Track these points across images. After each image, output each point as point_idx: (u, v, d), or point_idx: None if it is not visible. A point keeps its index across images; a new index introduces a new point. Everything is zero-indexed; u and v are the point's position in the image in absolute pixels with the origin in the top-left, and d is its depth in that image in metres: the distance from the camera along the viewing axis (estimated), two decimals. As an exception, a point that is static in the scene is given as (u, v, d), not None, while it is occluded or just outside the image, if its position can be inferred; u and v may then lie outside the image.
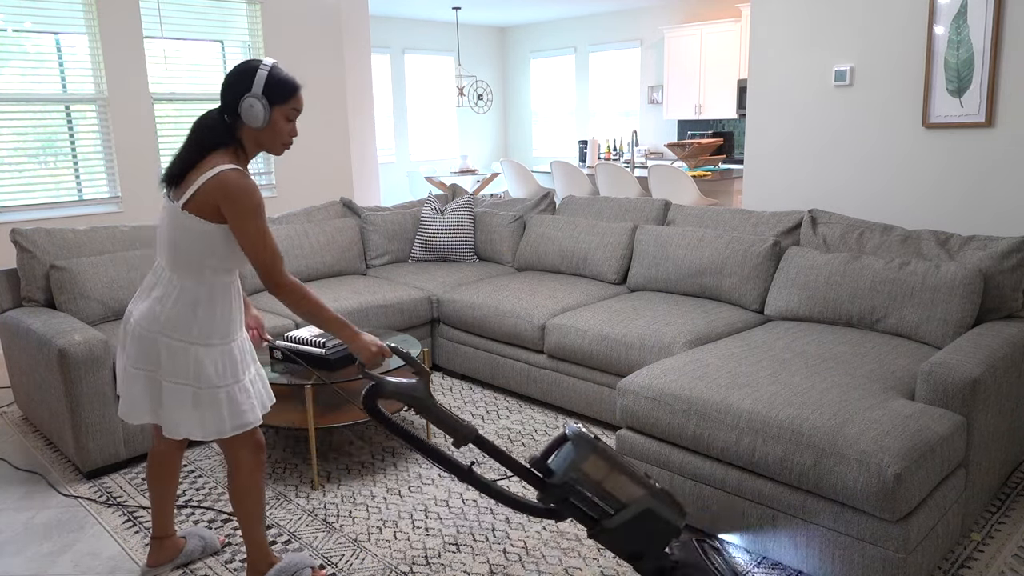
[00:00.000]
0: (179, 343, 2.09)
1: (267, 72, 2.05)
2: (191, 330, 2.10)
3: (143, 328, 2.11)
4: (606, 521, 2.04)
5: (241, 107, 2.04)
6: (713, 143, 7.62)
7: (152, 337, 2.10)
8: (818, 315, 3.23)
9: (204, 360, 2.11)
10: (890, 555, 2.09)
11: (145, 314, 2.11)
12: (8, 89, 4.77)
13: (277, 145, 2.13)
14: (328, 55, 6.16)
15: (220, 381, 2.13)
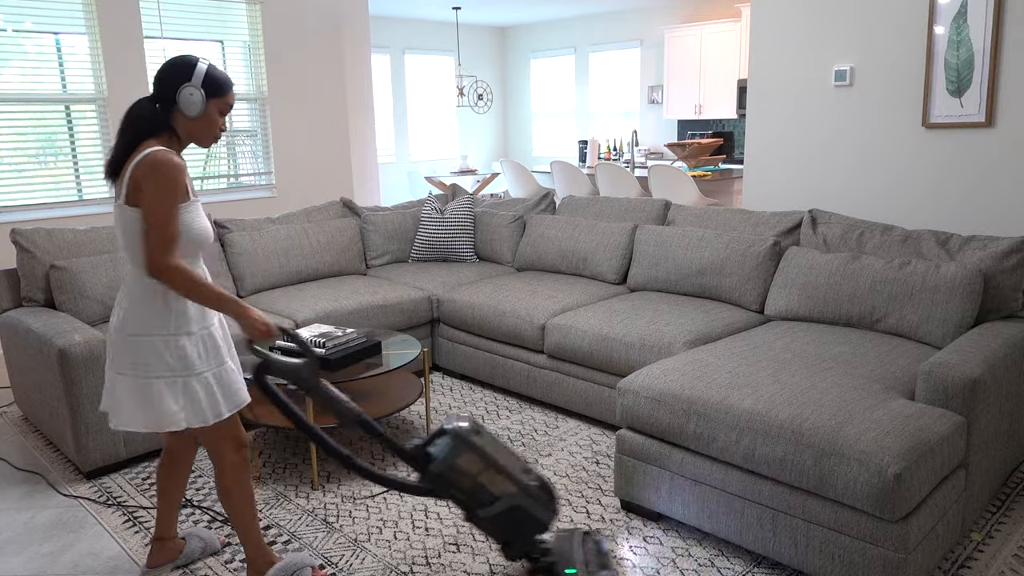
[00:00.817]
0: (159, 337, 2.10)
1: (206, 66, 2.13)
2: (169, 322, 2.11)
3: (121, 332, 2.11)
4: (480, 511, 2.15)
5: (180, 95, 2.08)
6: (713, 143, 7.62)
7: (133, 340, 2.10)
8: (818, 315, 3.24)
9: (187, 348, 2.12)
10: (890, 555, 2.09)
11: (121, 318, 2.13)
12: (8, 89, 4.77)
13: (208, 136, 2.17)
14: (328, 55, 6.16)
15: (204, 366, 2.15)
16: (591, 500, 2.86)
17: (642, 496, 2.67)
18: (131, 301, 2.13)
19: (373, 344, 3.26)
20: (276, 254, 4.23)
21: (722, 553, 2.51)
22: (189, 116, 2.11)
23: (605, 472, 3.08)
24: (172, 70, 2.10)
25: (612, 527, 2.68)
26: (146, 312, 2.11)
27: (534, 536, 2.22)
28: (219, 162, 5.83)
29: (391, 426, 3.58)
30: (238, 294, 4.10)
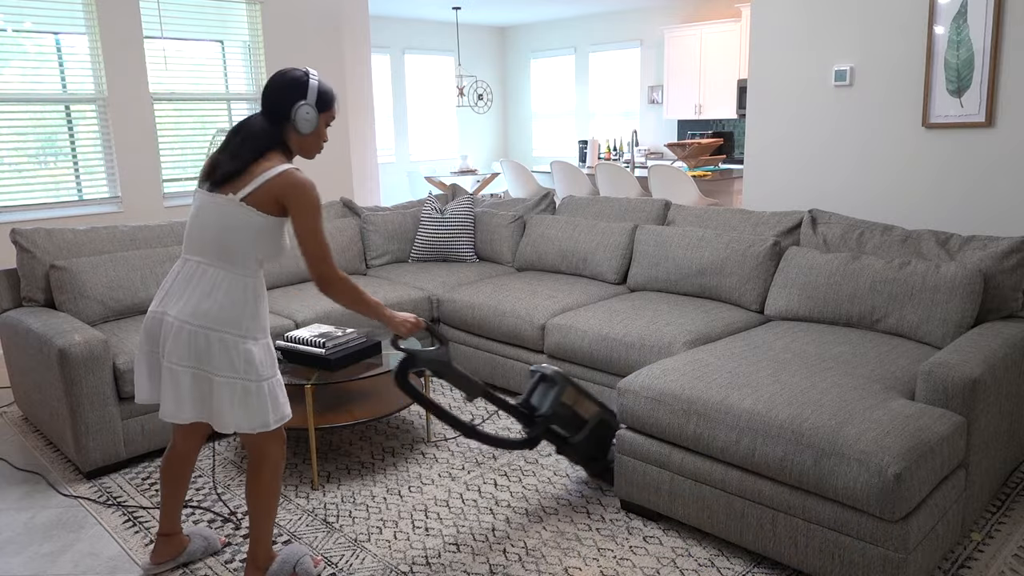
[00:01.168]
0: (232, 337, 2.13)
1: (317, 82, 2.22)
2: (242, 323, 2.15)
3: (192, 324, 2.11)
4: (574, 437, 2.76)
5: (297, 114, 2.17)
6: (713, 143, 7.62)
7: (203, 332, 2.11)
8: (818, 315, 3.23)
9: (254, 352, 2.16)
10: (890, 555, 2.09)
11: (191, 310, 2.12)
12: (8, 89, 4.77)
13: (316, 149, 2.28)
14: (328, 55, 6.16)
15: (266, 374, 2.18)
16: (591, 500, 2.86)
17: (642, 496, 2.67)
18: (212, 296, 2.13)
19: (373, 344, 3.26)
20: (276, 254, 4.22)
21: (722, 553, 2.51)
22: (302, 133, 2.20)
23: (605, 472, 3.08)
24: (286, 87, 2.18)
25: (612, 527, 2.68)
26: (230, 311, 2.13)
27: (611, 442, 2.86)
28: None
29: (391, 426, 3.59)
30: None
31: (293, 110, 2.16)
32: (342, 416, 3.11)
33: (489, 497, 2.91)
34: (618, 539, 2.60)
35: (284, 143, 2.20)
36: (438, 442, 3.40)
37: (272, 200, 2.11)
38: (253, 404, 2.15)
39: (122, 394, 3.14)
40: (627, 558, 2.49)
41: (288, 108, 2.16)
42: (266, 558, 2.35)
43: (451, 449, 3.32)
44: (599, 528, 2.68)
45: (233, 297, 2.14)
